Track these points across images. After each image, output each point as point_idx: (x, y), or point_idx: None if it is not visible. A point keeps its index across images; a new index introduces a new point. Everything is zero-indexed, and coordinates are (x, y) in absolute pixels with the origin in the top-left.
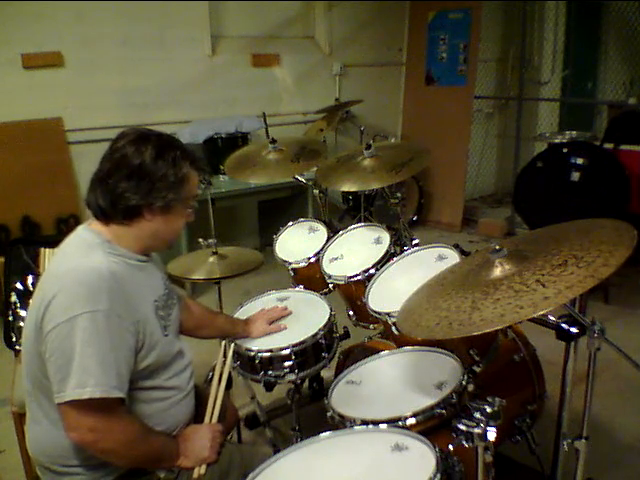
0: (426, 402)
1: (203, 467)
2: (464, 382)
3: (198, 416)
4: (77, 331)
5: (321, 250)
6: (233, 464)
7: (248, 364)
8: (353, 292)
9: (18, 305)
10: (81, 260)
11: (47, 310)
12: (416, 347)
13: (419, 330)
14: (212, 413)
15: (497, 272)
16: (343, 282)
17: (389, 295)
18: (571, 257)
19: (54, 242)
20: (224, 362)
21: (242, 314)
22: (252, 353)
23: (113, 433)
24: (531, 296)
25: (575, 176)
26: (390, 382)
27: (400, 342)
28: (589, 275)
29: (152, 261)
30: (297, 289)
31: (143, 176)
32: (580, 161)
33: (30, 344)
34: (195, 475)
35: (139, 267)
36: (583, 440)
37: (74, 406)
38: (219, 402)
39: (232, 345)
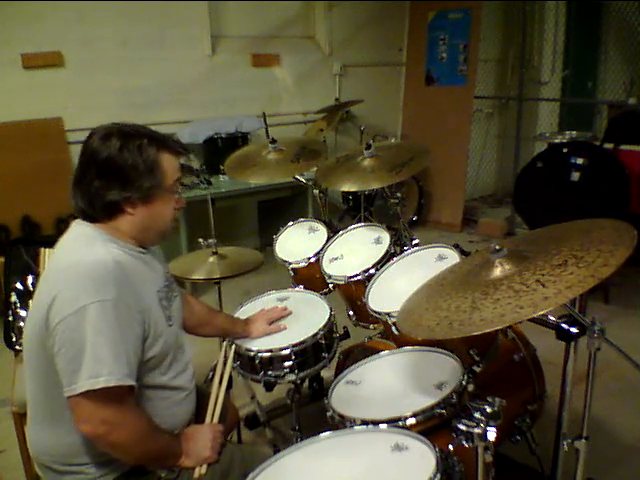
0: (426, 402)
1: (204, 467)
2: (464, 382)
3: (199, 416)
4: (87, 321)
5: (321, 250)
6: (234, 464)
7: (248, 364)
8: (353, 292)
9: (18, 305)
10: (83, 251)
11: (53, 304)
12: (416, 347)
13: (419, 330)
14: (213, 413)
15: (497, 272)
16: (343, 282)
17: (389, 295)
18: (571, 257)
19: (54, 242)
20: (225, 363)
21: (242, 314)
22: (252, 353)
23: (126, 426)
24: (531, 296)
25: (575, 176)
26: (390, 382)
27: (400, 342)
28: (589, 275)
29: (151, 253)
30: (297, 289)
31: (112, 170)
32: (580, 161)
33: (33, 342)
34: (196, 475)
35: (140, 258)
36: (583, 440)
37: (87, 397)
38: (220, 402)
39: (233, 346)
